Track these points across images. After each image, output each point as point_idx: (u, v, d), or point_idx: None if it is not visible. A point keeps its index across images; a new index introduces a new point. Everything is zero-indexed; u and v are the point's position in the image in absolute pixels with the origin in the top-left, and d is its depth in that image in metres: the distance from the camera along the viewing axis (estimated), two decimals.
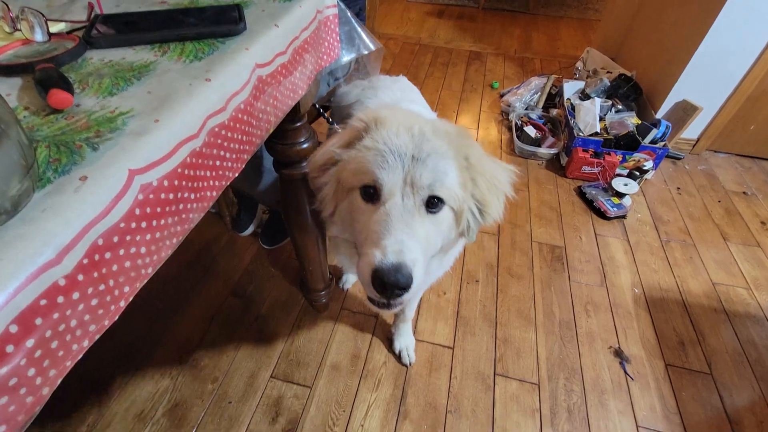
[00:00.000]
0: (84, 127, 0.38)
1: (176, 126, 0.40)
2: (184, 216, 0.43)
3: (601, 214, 1.72)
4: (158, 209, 0.39)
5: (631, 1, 2.40)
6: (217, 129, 0.46)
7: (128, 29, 0.52)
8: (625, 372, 1.24)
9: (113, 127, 0.38)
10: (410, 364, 1.23)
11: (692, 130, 1.98)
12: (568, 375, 1.23)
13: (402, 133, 0.55)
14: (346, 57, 0.81)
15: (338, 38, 0.76)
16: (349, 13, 0.75)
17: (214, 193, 0.49)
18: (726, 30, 1.69)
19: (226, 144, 0.48)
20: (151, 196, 0.37)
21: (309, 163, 0.61)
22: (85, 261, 0.31)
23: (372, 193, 0.54)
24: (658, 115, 1.97)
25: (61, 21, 0.55)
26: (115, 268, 0.35)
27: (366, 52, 0.78)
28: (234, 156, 0.51)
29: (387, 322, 1.33)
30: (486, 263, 1.54)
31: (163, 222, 0.40)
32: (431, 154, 0.53)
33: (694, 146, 2.06)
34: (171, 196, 0.40)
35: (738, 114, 1.91)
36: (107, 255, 0.34)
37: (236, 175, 0.53)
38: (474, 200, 0.58)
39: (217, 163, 0.48)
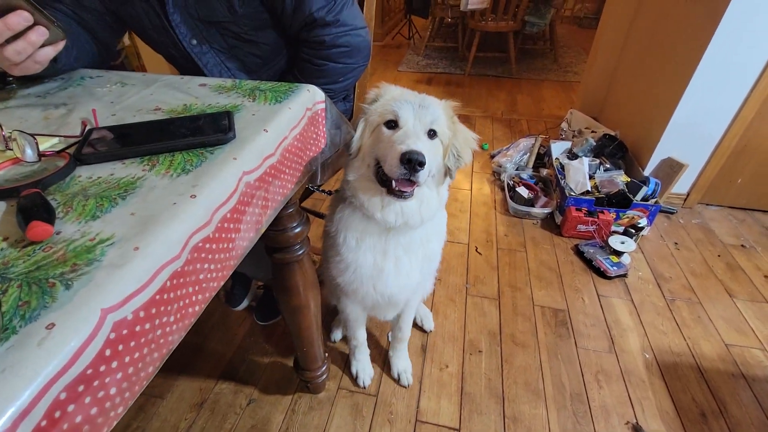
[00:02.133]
0: (61, 260, 0.37)
1: (157, 251, 0.39)
2: (162, 341, 0.41)
3: (602, 274, 1.70)
4: (132, 343, 0.36)
5: (606, 65, 2.56)
6: (200, 244, 0.45)
7: (119, 143, 0.53)
8: None
9: (90, 259, 0.37)
10: (408, 386, 1.29)
11: (681, 185, 2.01)
12: None
13: (409, 93, 0.83)
14: (335, 144, 0.84)
15: (325, 129, 0.78)
16: (333, 109, 0.78)
17: (197, 308, 0.47)
18: (701, 92, 1.78)
19: (210, 256, 0.47)
20: (124, 331, 0.35)
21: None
22: (44, 423, 0.29)
23: (393, 125, 0.79)
24: (646, 173, 2.01)
25: (55, 136, 0.56)
26: (79, 419, 0.32)
27: (345, 140, 0.82)
28: (220, 266, 0.50)
29: (384, 348, 1.25)
30: (488, 331, 1.48)
31: (137, 355, 0.37)
32: (431, 105, 0.80)
33: (685, 200, 2.08)
34: (147, 325, 0.38)
35: (723, 168, 1.95)
36: (70, 408, 0.31)
37: (222, 283, 0.51)
38: (454, 147, 0.83)
39: (201, 276, 0.46)
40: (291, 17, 0.84)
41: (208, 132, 0.56)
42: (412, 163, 0.69)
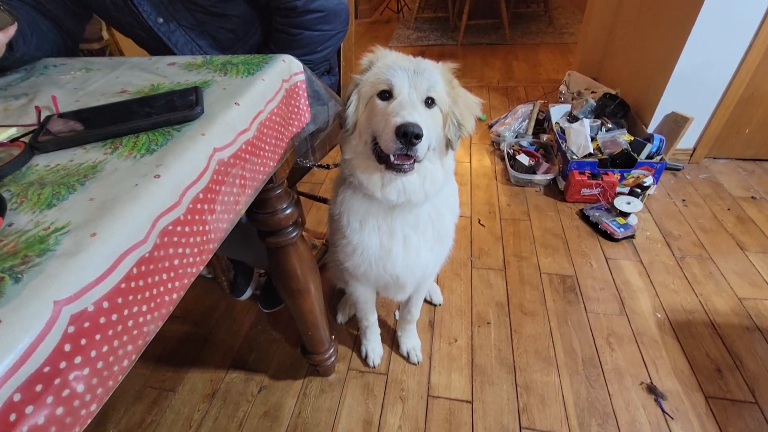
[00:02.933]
0: (11, 252, 0.34)
1: (117, 236, 0.36)
2: (136, 332, 0.38)
3: (609, 237, 1.65)
4: (98, 336, 0.33)
5: (603, 23, 2.45)
6: (171, 227, 0.42)
7: (79, 127, 0.49)
8: (663, 410, 1.13)
9: (43, 249, 0.34)
10: (418, 363, 1.28)
11: (687, 140, 1.94)
12: (601, 420, 1.12)
13: (403, 58, 0.77)
14: (320, 119, 0.79)
15: (307, 102, 0.74)
16: (314, 78, 0.73)
17: (175, 296, 0.44)
18: (703, 41, 1.69)
19: (184, 240, 0.44)
20: (86, 324, 0.32)
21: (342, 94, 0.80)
22: None
23: (387, 96, 0.73)
24: (650, 130, 1.94)
25: (11, 126, 0.52)
26: (41, 421, 0.29)
27: (332, 114, 0.77)
28: (196, 249, 0.46)
29: (392, 327, 1.24)
30: (496, 302, 1.46)
31: (106, 348, 0.34)
32: (426, 69, 0.74)
33: (691, 156, 2.01)
34: (115, 316, 0.35)
35: (730, 119, 1.88)
36: (28, 409, 0.28)
37: (202, 268, 0.48)
38: (454, 115, 0.77)
39: (176, 261, 0.43)
40: None
41: (174, 109, 0.52)
42: (408, 136, 0.65)
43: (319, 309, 1.05)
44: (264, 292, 1.49)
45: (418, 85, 0.72)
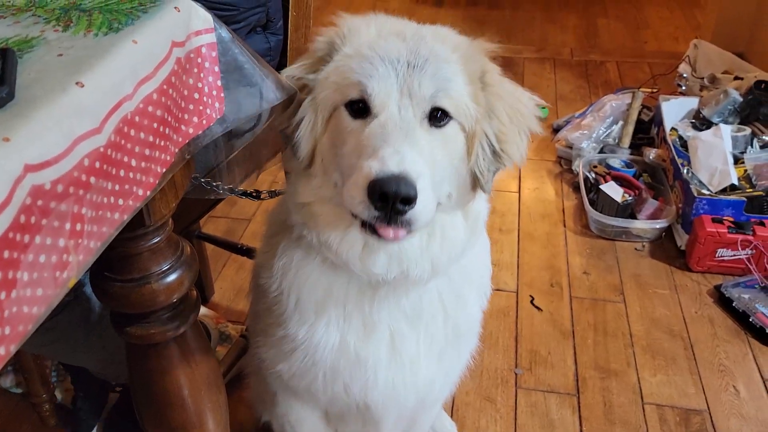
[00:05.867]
0: None
1: None
2: None
3: (767, 337, 1.67)
4: None
5: None
6: None
7: None
8: None
9: None
10: None
11: None
12: None
13: (391, 37, 0.78)
14: (244, 112, 0.79)
15: (219, 83, 0.74)
16: (236, 41, 0.74)
17: None
18: None
19: None
20: None
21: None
22: None
23: (361, 109, 0.74)
24: None
25: None
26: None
27: (267, 106, 0.76)
28: None
29: None
30: None
31: None
32: (430, 59, 0.74)
33: None
34: None
35: None
36: None
37: None
38: (486, 137, 0.78)
39: None
40: None
41: None
42: (389, 200, 0.64)
43: None
44: (114, 413, 1.45)
45: (416, 88, 0.74)
